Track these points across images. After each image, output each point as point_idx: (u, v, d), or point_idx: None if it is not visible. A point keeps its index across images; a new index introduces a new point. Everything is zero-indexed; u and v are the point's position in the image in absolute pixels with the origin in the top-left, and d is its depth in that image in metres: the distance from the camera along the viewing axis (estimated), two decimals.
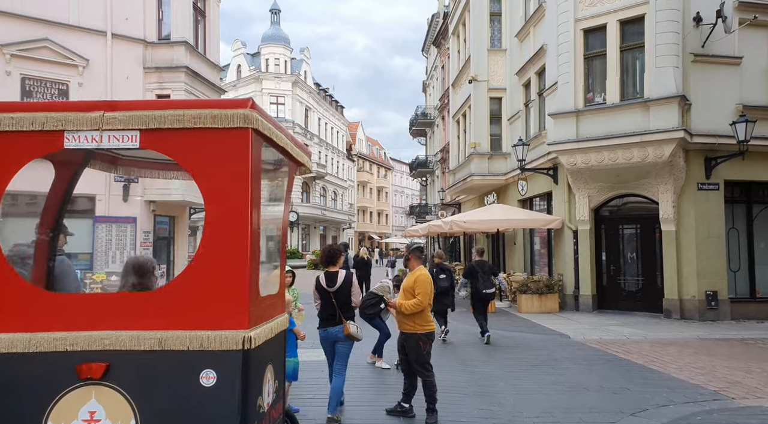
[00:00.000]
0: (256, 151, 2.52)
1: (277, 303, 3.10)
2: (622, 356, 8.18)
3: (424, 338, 5.13)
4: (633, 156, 11.99)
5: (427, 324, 5.21)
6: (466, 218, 14.85)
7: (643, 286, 12.95)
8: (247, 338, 2.30)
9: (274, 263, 3.50)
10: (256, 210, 2.54)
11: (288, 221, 3.65)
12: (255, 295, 2.49)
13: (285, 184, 3.47)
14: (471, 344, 9.24)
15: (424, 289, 5.12)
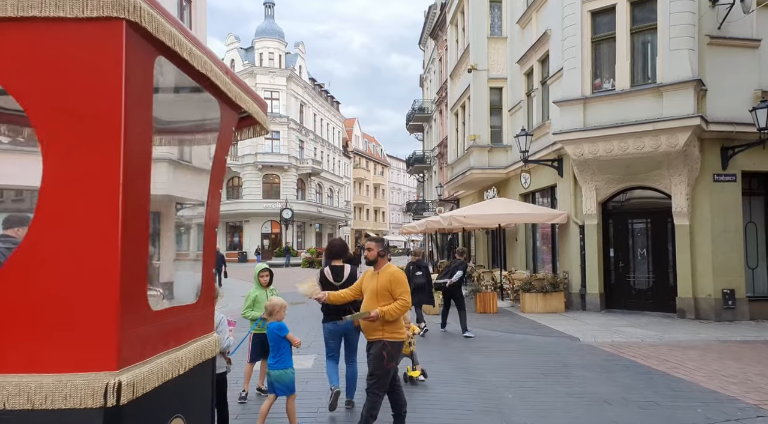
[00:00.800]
0: (137, 65, 1.62)
1: (196, 319, 2.14)
2: (640, 361, 7.42)
3: (390, 349, 4.22)
4: (644, 145, 11.24)
5: (398, 332, 4.31)
6: (466, 212, 14.08)
7: (654, 284, 12.20)
8: (114, 385, 1.39)
9: (190, 255, 2.56)
10: (139, 167, 1.74)
11: (219, 198, 2.66)
12: (136, 308, 1.60)
13: (214, 140, 2.50)
14: (474, 349, 8.47)
15: (405, 287, 4.32)
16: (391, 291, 4.25)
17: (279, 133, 43.50)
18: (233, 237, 45.40)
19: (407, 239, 62.08)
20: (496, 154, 17.91)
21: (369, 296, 4.38)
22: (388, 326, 4.23)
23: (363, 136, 69.36)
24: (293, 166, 44.13)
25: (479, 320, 11.34)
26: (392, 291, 4.25)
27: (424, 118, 36.29)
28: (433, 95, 32.99)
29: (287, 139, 43.73)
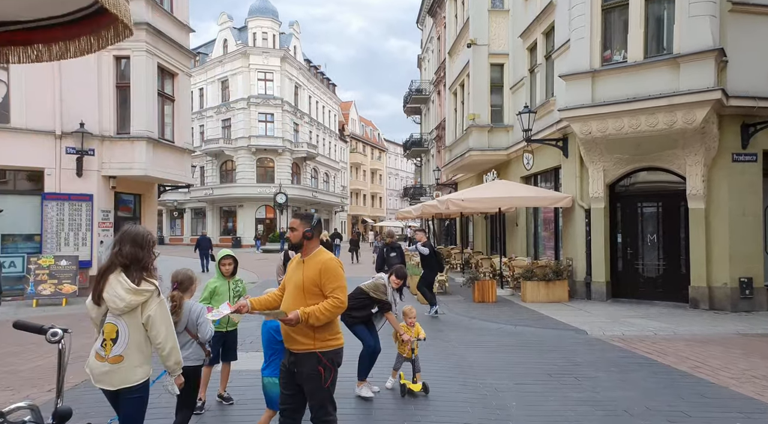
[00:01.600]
0: None
1: None
2: (656, 358, 6.63)
3: (327, 362, 3.20)
4: (658, 122, 10.36)
5: (334, 337, 3.27)
6: (465, 195, 13.23)
7: (665, 272, 11.40)
8: None
9: None
10: None
11: None
12: None
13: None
14: (472, 344, 7.68)
15: (340, 282, 3.23)
16: (320, 286, 3.18)
17: (273, 115, 42.43)
18: (227, 222, 44.54)
19: (404, 225, 61.36)
20: (497, 134, 17.00)
21: (291, 291, 3.28)
22: (321, 331, 3.19)
23: (360, 120, 68.19)
24: (288, 150, 43.11)
25: (477, 310, 10.56)
26: (322, 286, 3.18)
27: (422, 99, 35.24)
28: (431, 76, 31.93)
29: (281, 121, 42.65)
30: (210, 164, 44.70)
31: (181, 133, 15.10)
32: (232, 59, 43.04)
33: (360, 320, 5.23)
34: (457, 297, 12.62)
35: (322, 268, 3.19)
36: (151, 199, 15.36)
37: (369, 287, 5.25)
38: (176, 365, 3.00)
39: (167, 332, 2.90)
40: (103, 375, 2.83)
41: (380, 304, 5.22)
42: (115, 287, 2.79)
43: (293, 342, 3.21)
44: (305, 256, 3.32)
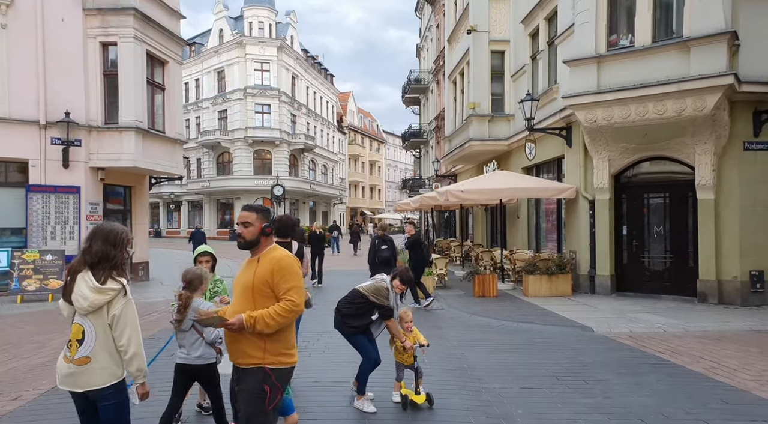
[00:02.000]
0: None
1: None
2: (668, 358, 6.25)
3: (276, 381, 2.76)
4: (666, 109, 9.93)
5: (288, 352, 2.83)
6: (464, 186, 12.80)
7: (672, 265, 11.02)
8: None
9: None
10: None
11: None
12: None
13: None
14: (473, 343, 7.30)
15: (295, 282, 2.81)
16: (273, 286, 2.76)
17: (270, 106, 41.84)
18: (224, 215, 44.11)
19: (403, 218, 60.98)
20: (497, 124, 16.55)
21: (240, 293, 2.85)
22: (273, 342, 2.74)
23: (358, 111, 67.55)
24: (285, 142, 42.58)
25: (478, 306, 10.18)
26: (275, 286, 2.76)
27: (421, 89, 34.70)
28: (430, 65, 31.37)
29: (278, 112, 42.08)
30: (207, 156, 44.19)
31: (173, 123, 14.63)
32: (227, 49, 42.40)
33: (359, 329, 4.70)
34: (457, 291, 12.25)
35: (276, 266, 2.78)
36: (142, 192, 14.93)
37: (369, 290, 4.71)
38: (138, 371, 2.75)
39: (131, 333, 2.71)
40: (68, 377, 2.71)
41: (381, 310, 4.69)
42: (80, 285, 2.68)
43: (239, 355, 2.75)
44: (258, 253, 2.92)
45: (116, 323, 2.68)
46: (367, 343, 4.75)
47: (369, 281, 4.95)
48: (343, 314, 4.72)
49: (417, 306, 10.11)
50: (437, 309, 10.03)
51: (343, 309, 4.75)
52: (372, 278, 5.00)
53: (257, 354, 2.72)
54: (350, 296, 4.80)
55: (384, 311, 4.69)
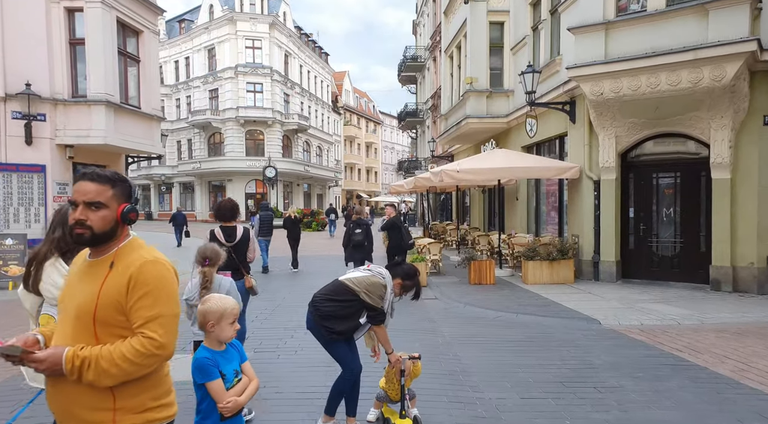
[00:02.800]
0: None
1: None
2: (688, 357, 5.49)
3: None
4: (681, 80, 9.06)
5: (157, 405, 1.79)
6: (461, 166, 11.94)
7: (683, 250, 10.25)
8: None
9: None
10: None
11: None
12: None
13: None
14: (467, 339, 6.53)
15: (166, 307, 1.75)
16: (127, 311, 1.73)
17: (262, 85, 40.65)
18: (216, 197, 43.15)
19: (400, 200, 60.19)
20: (496, 100, 15.63)
21: (71, 317, 1.75)
22: (127, 395, 1.71)
23: (354, 91, 66.18)
24: (278, 122, 41.47)
25: (473, 294, 9.41)
26: (129, 311, 1.73)
27: (417, 67, 33.57)
28: (427, 41, 30.22)
29: (271, 91, 40.89)
30: (198, 137, 43.11)
31: (149, 98, 13.67)
32: (218, 26, 41.03)
33: (343, 335, 3.64)
34: (452, 278, 11.48)
35: (135, 278, 1.73)
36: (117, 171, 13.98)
37: (360, 285, 3.62)
38: None
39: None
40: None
41: (371, 313, 3.64)
42: (51, 274, 2.50)
43: (69, 418, 1.72)
44: (104, 254, 1.82)
45: None
46: (349, 352, 3.71)
47: (360, 272, 3.78)
48: (323, 314, 3.60)
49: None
50: (429, 299, 9.26)
51: (322, 307, 3.61)
52: (368, 270, 3.79)
53: (101, 416, 1.70)
54: (333, 290, 3.69)
55: (374, 315, 3.64)
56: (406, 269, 3.84)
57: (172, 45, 45.67)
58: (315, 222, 32.33)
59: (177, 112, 45.85)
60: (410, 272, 3.83)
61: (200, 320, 2.35)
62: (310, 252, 17.72)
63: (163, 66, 46.75)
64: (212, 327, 2.31)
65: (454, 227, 19.27)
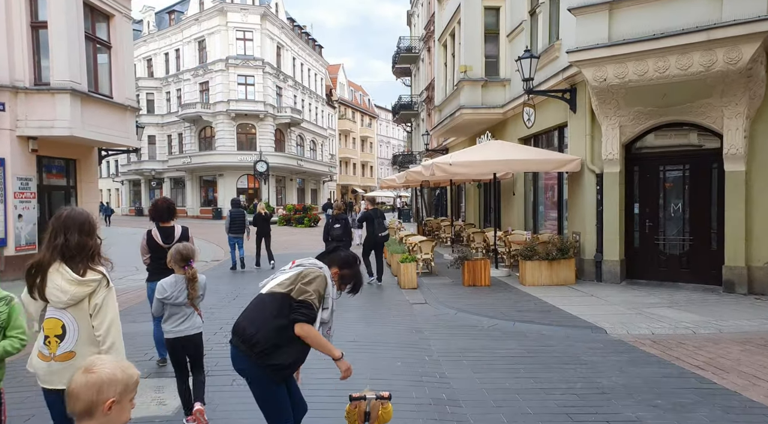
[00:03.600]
0: None
1: None
2: (712, 377, 4.75)
3: None
4: (692, 64, 8.29)
5: None
6: (453, 159, 11.15)
7: (692, 248, 9.50)
8: None
9: None
10: None
11: None
12: None
13: None
14: (456, 354, 5.77)
15: None
16: None
17: (253, 77, 39.71)
18: (207, 192, 42.30)
19: (395, 195, 59.39)
20: (492, 90, 14.83)
21: None
22: None
23: (349, 84, 65.19)
24: (270, 115, 40.55)
25: (467, 298, 8.65)
26: None
27: (412, 58, 32.69)
28: (421, 32, 29.35)
29: (262, 84, 39.94)
30: (188, 131, 42.17)
31: (122, 87, 12.82)
32: (208, 17, 40.02)
33: (285, 371, 2.80)
34: (444, 279, 10.73)
35: None
36: (89, 166, 13.18)
37: (294, 285, 2.80)
38: None
39: (111, 324, 2.56)
40: (51, 375, 2.53)
41: (300, 310, 2.72)
42: (56, 279, 2.49)
43: None
44: None
45: (97, 312, 2.56)
46: (287, 398, 2.87)
47: (288, 272, 2.92)
48: (264, 348, 2.70)
49: (373, 280, 10.51)
50: (419, 303, 8.49)
51: (258, 337, 2.71)
52: (296, 265, 2.95)
53: None
54: (259, 307, 2.82)
55: (302, 312, 2.72)
56: (343, 255, 3.06)
57: (162, 37, 44.67)
58: (307, 218, 31.48)
59: (167, 106, 44.89)
60: (348, 259, 3.05)
61: (88, 397, 1.51)
62: (297, 249, 16.97)
63: (153, 58, 45.84)
64: (110, 408, 1.52)
65: (449, 224, 18.51)
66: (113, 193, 54.70)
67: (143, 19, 47.33)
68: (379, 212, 11.10)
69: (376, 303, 8.69)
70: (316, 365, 3.85)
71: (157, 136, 45.46)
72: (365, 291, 10.01)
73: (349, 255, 3.07)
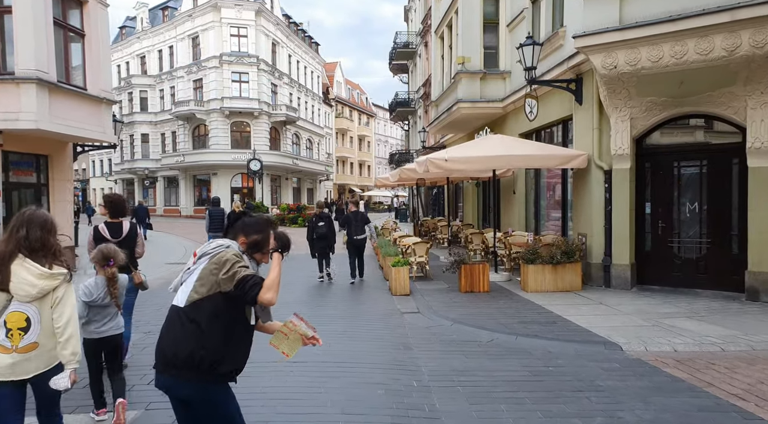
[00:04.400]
0: None
1: None
2: (758, 411, 3.96)
3: None
4: (713, 48, 7.50)
5: None
6: (450, 154, 10.33)
7: (710, 252, 8.70)
8: None
9: None
10: None
11: None
12: None
13: None
14: (448, 377, 4.97)
15: None
16: None
17: (248, 74, 38.84)
18: (201, 191, 41.43)
19: (393, 195, 58.59)
20: (491, 82, 14.03)
21: None
22: None
23: (346, 82, 64.32)
24: (265, 113, 39.69)
25: (465, 307, 7.84)
26: None
27: (409, 54, 31.87)
28: (418, 26, 28.54)
29: (257, 82, 39.08)
30: (182, 129, 41.33)
31: (96, 78, 12.00)
32: (202, 13, 39.18)
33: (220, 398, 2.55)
34: (440, 284, 9.92)
35: None
36: (62, 163, 12.36)
37: (208, 282, 2.41)
38: (72, 355, 2.73)
39: (70, 316, 2.74)
40: (12, 367, 2.64)
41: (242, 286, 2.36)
42: (23, 274, 2.62)
43: None
44: None
45: (57, 304, 2.70)
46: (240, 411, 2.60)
47: (195, 273, 2.49)
48: (203, 363, 2.38)
49: (355, 281, 10.67)
50: (410, 312, 7.69)
51: (198, 355, 2.37)
52: (199, 258, 2.54)
53: None
54: (184, 325, 2.42)
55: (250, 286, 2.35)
56: (246, 222, 2.67)
57: (156, 34, 43.84)
58: (301, 218, 30.67)
59: (161, 104, 44.05)
60: (252, 223, 2.64)
61: None
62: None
63: (147, 56, 45.00)
64: None
65: (446, 224, 17.70)
66: (107, 193, 53.84)
67: (137, 15, 46.53)
68: (360, 215, 11.10)
69: (362, 312, 7.88)
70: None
71: (150, 134, 44.63)
72: (352, 298, 9.21)
73: (252, 220, 2.68)
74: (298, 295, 9.39)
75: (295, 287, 10.18)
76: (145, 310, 7.74)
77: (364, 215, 11.52)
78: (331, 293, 9.72)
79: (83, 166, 58.04)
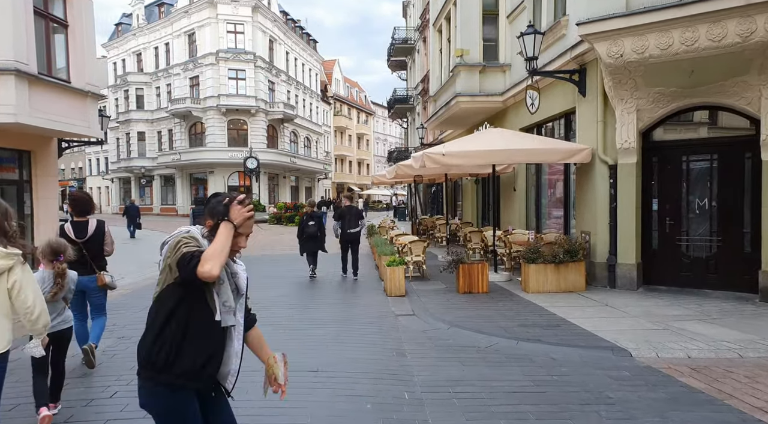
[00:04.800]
0: None
1: None
2: None
3: None
4: (726, 34, 7.07)
5: None
6: (447, 148, 9.88)
7: (720, 250, 8.27)
8: None
9: None
10: None
11: None
12: None
13: None
14: (443, 390, 4.54)
15: None
16: None
17: (244, 71, 38.41)
18: (197, 190, 40.98)
19: (392, 193, 58.17)
20: (490, 76, 13.59)
21: None
22: None
23: (344, 80, 63.86)
24: (262, 111, 39.25)
25: (463, 309, 7.41)
26: None
27: (407, 50, 31.41)
28: (416, 21, 28.08)
29: (254, 79, 38.65)
30: (178, 127, 40.88)
31: (81, 70, 11.54)
32: (198, 9, 38.73)
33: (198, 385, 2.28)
34: (437, 284, 9.50)
35: None
36: (46, 158, 11.90)
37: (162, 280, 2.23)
38: (44, 327, 2.98)
39: (35, 295, 2.90)
40: None
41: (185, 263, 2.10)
42: None
43: None
44: None
45: (19, 289, 2.80)
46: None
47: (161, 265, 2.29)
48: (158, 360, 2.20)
49: (347, 277, 10.66)
50: (405, 315, 7.26)
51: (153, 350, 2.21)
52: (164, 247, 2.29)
53: None
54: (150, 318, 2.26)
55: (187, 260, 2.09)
56: (209, 205, 2.31)
57: (152, 30, 43.38)
58: (298, 216, 30.22)
59: (157, 102, 43.60)
60: (214, 204, 2.28)
61: None
62: (277, 250, 15.81)
63: (143, 53, 44.54)
64: None
65: (444, 222, 17.27)
66: (103, 191, 53.49)
67: (132, 12, 46.06)
68: (354, 209, 10.93)
69: (354, 315, 7.45)
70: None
71: (146, 132, 44.18)
72: (344, 299, 8.77)
73: (215, 200, 2.31)
74: (287, 294, 8.97)
75: (285, 285, 9.77)
76: (126, 312, 7.32)
77: (358, 209, 11.46)
78: (323, 292, 9.29)
79: (79, 165, 57.63)
